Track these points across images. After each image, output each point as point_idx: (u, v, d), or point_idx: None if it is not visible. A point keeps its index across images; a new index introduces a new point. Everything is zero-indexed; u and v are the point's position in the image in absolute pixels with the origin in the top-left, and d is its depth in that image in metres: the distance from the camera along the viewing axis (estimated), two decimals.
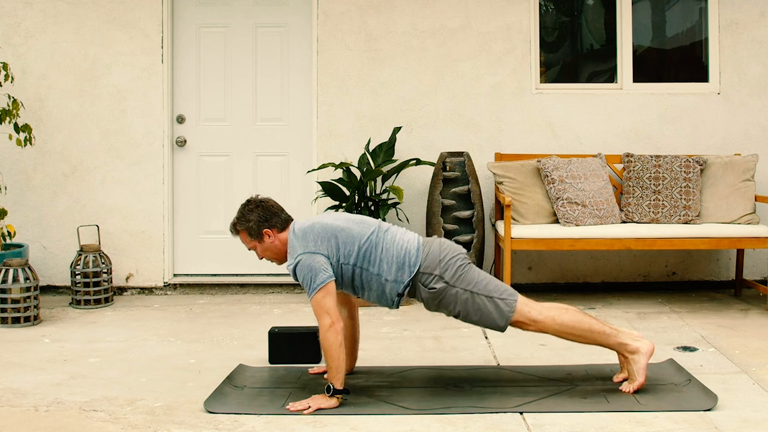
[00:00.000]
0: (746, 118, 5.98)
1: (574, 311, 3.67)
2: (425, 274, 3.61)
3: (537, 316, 3.61)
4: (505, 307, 3.59)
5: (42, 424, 3.36)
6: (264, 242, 3.71)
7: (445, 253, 3.64)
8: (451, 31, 5.97)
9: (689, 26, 6.21)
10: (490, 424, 3.32)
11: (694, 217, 5.44)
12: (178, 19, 6.06)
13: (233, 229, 3.76)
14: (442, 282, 3.60)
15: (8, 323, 4.99)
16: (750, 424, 3.30)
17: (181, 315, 5.34)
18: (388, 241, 3.64)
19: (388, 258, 3.61)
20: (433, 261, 3.61)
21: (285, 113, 6.10)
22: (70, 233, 5.91)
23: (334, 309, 3.51)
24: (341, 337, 3.49)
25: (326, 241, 3.59)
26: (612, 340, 3.66)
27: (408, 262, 3.61)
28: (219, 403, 3.54)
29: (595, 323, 3.66)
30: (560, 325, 3.62)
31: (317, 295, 3.51)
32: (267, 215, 3.70)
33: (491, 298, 3.60)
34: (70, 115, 5.94)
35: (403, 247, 3.63)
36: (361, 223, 3.70)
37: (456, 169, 5.58)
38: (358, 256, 3.61)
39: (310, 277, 3.52)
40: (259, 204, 3.74)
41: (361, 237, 3.63)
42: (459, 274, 3.61)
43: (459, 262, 3.63)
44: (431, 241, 3.70)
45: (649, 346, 3.66)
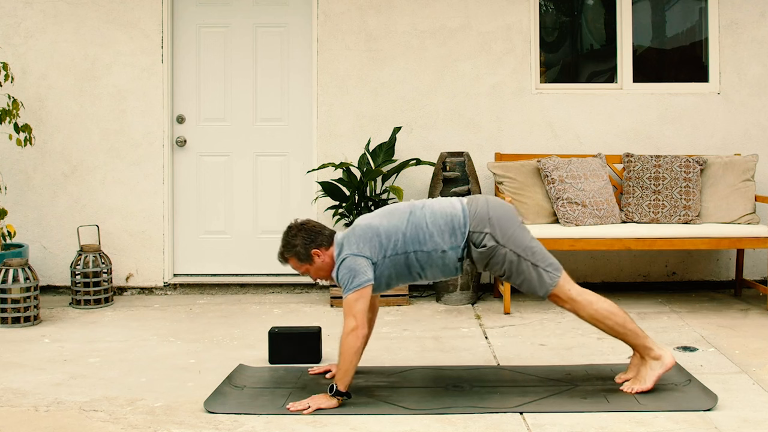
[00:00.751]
0: (746, 118, 5.98)
1: (612, 303, 3.68)
2: (476, 232, 3.59)
3: (575, 296, 3.63)
4: (548, 278, 3.61)
5: (42, 424, 3.36)
6: (315, 263, 3.70)
7: (494, 211, 3.62)
8: (451, 31, 5.98)
9: (689, 26, 6.21)
10: (490, 424, 3.32)
11: (694, 217, 5.44)
12: (178, 19, 6.06)
13: (282, 258, 3.75)
14: (493, 240, 3.58)
15: (8, 323, 4.99)
16: (750, 424, 3.30)
17: (181, 315, 5.34)
18: (428, 215, 3.63)
19: (437, 230, 3.60)
20: (482, 219, 3.60)
21: (285, 113, 6.10)
22: (70, 233, 5.91)
23: (363, 314, 3.50)
24: (360, 344, 3.48)
25: (368, 242, 3.59)
26: (640, 341, 3.67)
27: (457, 226, 3.60)
28: (219, 403, 3.55)
29: (628, 320, 3.67)
30: (595, 311, 3.63)
31: (351, 296, 3.51)
32: (311, 236, 3.69)
33: (536, 267, 3.61)
34: (70, 115, 5.94)
35: (447, 213, 3.63)
36: (395, 211, 3.69)
37: (456, 169, 5.58)
38: (406, 242, 3.60)
39: (349, 277, 3.53)
40: (300, 227, 3.72)
41: (402, 224, 3.62)
42: (510, 233, 3.60)
43: (510, 221, 3.62)
44: (476, 199, 3.69)
45: (671, 360, 3.67)
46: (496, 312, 5.31)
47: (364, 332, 3.50)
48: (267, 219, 6.11)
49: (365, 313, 3.52)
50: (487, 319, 5.13)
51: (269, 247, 6.10)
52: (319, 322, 5.04)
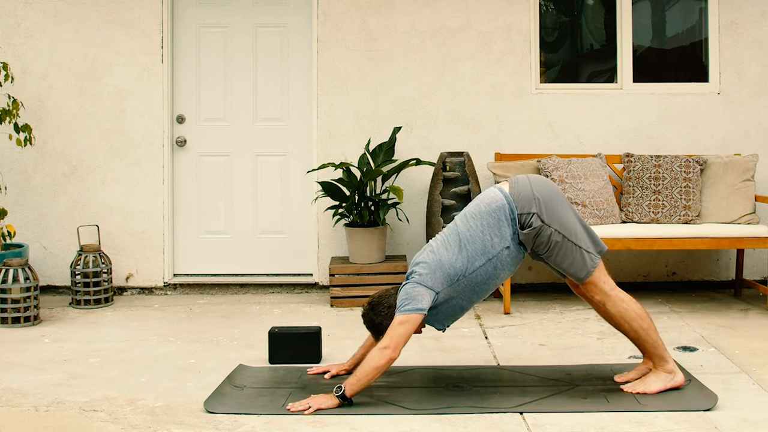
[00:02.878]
0: (746, 118, 5.98)
1: (642, 308, 3.67)
2: (523, 214, 3.56)
3: (609, 291, 3.62)
4: (589, 261, 3.60)
5: (42, 424, 3.36)
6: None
7: (539, 191, 3.59)
8: (451, 31, 5.97)
9: (689, 26, 6.21)
10: (490, 424, 3.32)
11: (694, 217, 5.44)
12: (178, 19, 6.06)
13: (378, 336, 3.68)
14: (539, 220, 3.56)
15: (8, 323, 4.99)
16: (750, 424, 3.30)
17: (181, 315, 5.34)
18: (476, 225, 3.59)
19: (491, 231, 3.56)
20: (528, 200, 3.57)
21: (285, 113, 6.10)
22: (70, 233, 5.91)
23: (401, 340, 3.46)
24: (384, 363, 3.45)
25: (432, 273, 3.54)
26: (658, 350, 3.66)
27: (506, 217, 3.57)
28: (219, 403, 3.55)
29: (653, 328, 3.66)
30: (624, 309, 3.62)
31: (398, 318, 3.49)
32: (384, 306, 3.65)
33: (580, 249, 3.59)
34: (70, 115, 5.94)
35: (493, 208, 3.58)
36: (447, 236, 3.62)
37: (456, 169, 5.58)
38: (469, 262, 3.55)
39: (404, 300, 3.51)
40: (373, 308, 3.68)
41: (457, 246, 3.57)
42: (555, 213, 3.58)
43: (555, 200, 3.60)
44: (517, 181, 3.64)
45: (681, 380, 3.67)
46: (496, 312, 5.31)
47: (394, 356, 3.46)
48: (267, 219, 6.11)
49: (404, 338, 3.47)
50: (487, 319, 5.13)
51: (269, 247, 6.10)
52: (319, 322, 5.04)
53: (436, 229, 5.53)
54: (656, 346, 3.66)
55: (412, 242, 5.95)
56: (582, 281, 3.64)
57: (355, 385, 3.47)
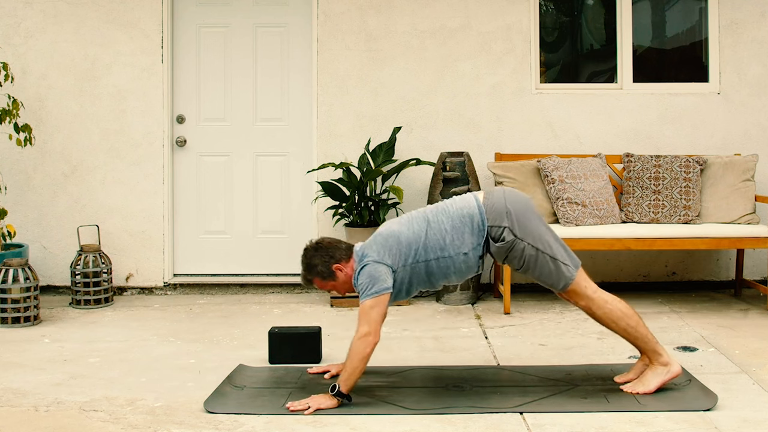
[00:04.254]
0: (746, 118, 5.98)
1: (626, 305, 3.68)
2: (494, 227, 3.59)
3: (591, 294, 3.64)
4: (567, 272, 3.62)
5: (42, 424, 3.36)
6: (338, 278, 3.70)
7: (511, 204, 3.62)
8: (451, 31, 5.98)
9: (689, 26, 6.21)
10: (490, 424, 3.32)
11: (694, 217, 5.44)
12: (178, 19, 6.06)
13: (305, 281, 3.75)
14: (512, 235, 3.58)
15: (8, 323, 4.99)
16: (750, 424, 3.30)
17: (181, 315, 5.34)
18: (445, 221, 3.62)
19: (457, 234, 3.59)
20: (500, 213, 3.60)
21: (285, 113, 6.10)
22: (70, 233, 5.91)
23: (377, 322, 3.49)
24: (370, 350, 3.47)
25: (389, 250, 3.59)
26: (650, 345, 3.67)
27: (476, 226, 3.60)
28: (219, 403, 3.55)
29: (641, 323, 3.67)
30: (610, 311, 3.64)
31: (367, 302, 3.51)
32: (329, 253, 3.69)
33: (555, 260, 3.61)
34: (70, 115, 5.94)
35: (465, 214, 3.62)
36: (413, 220, 3.67)
37: (456, 169, 5.58)
38: (428, 250, 3.60)
39: (368, 283, 3.52)
40: (317, 247, 3.72)
41: (421, 232, 3.61)
42: (528, 227, 3.60)
43: (527, 214, 3.62)
44: (492, 193, 3.68)
45: (678, 370, 3.67)
46: (496, 312, 5.31)
47: (376, 340, 3.49)
48: (267, 219, 6.11)
49: (380, 320, 3.51)
50: (487, 319, 5.13)
51: (269, 247, 6.10)
52: (319, 322, 5.04)
53: None
54: (647, 340, 3.67)
55: None
56: (561, 291, 3.67)
57: (347, 380, 3.48)
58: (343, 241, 3.76)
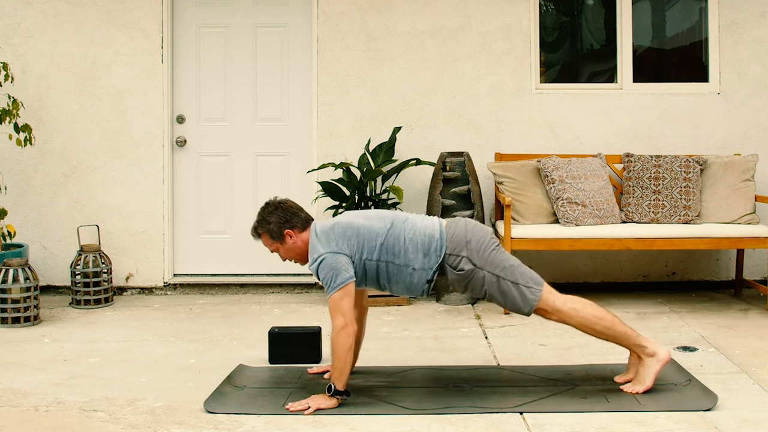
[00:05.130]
0: (746, 118, 5.98)
1: (598, 307, 3.68)
2: (452, 255, 3.61)
3: (561, 306, 3.62)
4: (530, 294, 3.60)
5: (42, 424, 3.36)
6: (286, 243, 3.71)
7: (471, 235, 3.63)
8: (451, 31, 5.98)
9: (689, 26, 6.21)
10: (490, 424, 3.32)
11: (694, 217, 5.44)
12: (178, 19, 6.06)
13: (254, 233, 3.76)
14: (470, 264, 3.59)
15: (8, 323, 4.99)
16: (750, 424, 3.30)
17: (181, 315, 5.34)
18: (408, 230, 3.64)
19: (412, 247, 3.61)
20: (459, 243, 3.61)
21: (285, 113, 6.10)
22: (70, 233, 5.91)
23: (350, 311, 3.50)
24: (352, 341, 3.48)
25: (347, 240, 3.59)
26: (632, 341, 3.67)
27: (433, 248, 3.61)
28: (219, 403, 3.55)
29: (617, 322, 3.67)
30: (583, 318, 3.63)
31: (335, 295, 3.51)
32: (287, 216, 3.70)
33: (517, 285, 3.61)
34: (70, 115, 5.94)
35: (427, 234, 3.63)
36: (379, 217, 3.69)
37: (456, 169, 5.58)
38: (381, 251, 3.61)
39: (332, 275, 3.52)
40: (278, 206, 3.73)
41: (382, 231, 3.62)
42: (487, 256, 3.61)
43: (486, 244, 3.63)
44: (456, 222, 3.69)
45: (666, 354, 3.66)
46: (496, 312, 5.31)
47: (354, 329, 3.50)
48: None
49: (352, 310, 3.52)
50: (487, 319, 5.13)
51: None
52: (319, 322, 5.04)
53: None
54: (627, 337, 3.66)
55: None
56: (527, 315, 3.66)
57: (340, 376, 3.48)
58: (305, 211, 3.75)
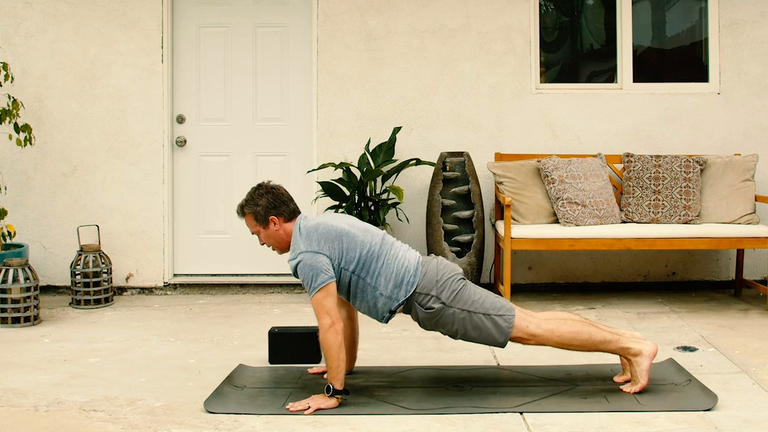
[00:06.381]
0: (746, 118, 5.98)
1: (573, 321, 3.64)
2: (422, 294, 3.59)
3: (535, 330, 3.59)
4: (503, 323, 3.58)
5: (42, 424, 3.36)
6: (269, 228, 3.71)
7: (442, 273, 3.62)
8: (451, 31, 5.98)
9: (689, 26, 6.21)
10: (490, 424, 3.32)
11: (694, 217, 5.44)
12: (178, 19, 6.06)
13: (240, 211, 3.76)
14: (439, 302, 3.58)
15: (8, 323, 4.99)
16: (750, 424, 3.30)
17: (181, 315, 5.34)
18: (390, 255, 3.63)
19: (386, 273, 3.60)
20: (430, 281, 3.60)
21: (285, 113, 6.10)
22: (70, 233, 5.91)
23: (335, 309, 3.51)
24: (341, 338, 3.48)
25: (330, 243, 3.58)
26: (614, 345, 3.64)
27: (406, 281, 3.59)
28: (219, 403, 3.55)
29: (594, 331, 3.63)
30: (559, 336, 3.60)
31: (318, 295, 3.51)
32: (276, 202, 3.70)
33: (489, 316, 3.58)
34: (70, 115, 5.94)
35: (404, 265, 3.62)
36: (366, 231, 3.67)
37: (456, 169, 5.58)
38: (358, 265, 3.59)
39: (312, 276, 3.51)
40: (269, 190, 3.73)
41: (364, 245, 3.61)
42: (455, 293, 3.59)
43: (455, 282, 3.61)
44: (429, 261, 3.68)
45: (652, 348, 3.65)
46: None
47: (341, 326, 3.49)
48: None
49: (336, 308, 3.52)
50: None
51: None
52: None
53: (436, 229, 5.54)
54: (608, 343, 3.63)
55: (412, 242, 5.94)
56: (503, 345, 3.62)
57: (336, 375, 3.48)
58: (294, 202, 3.75)
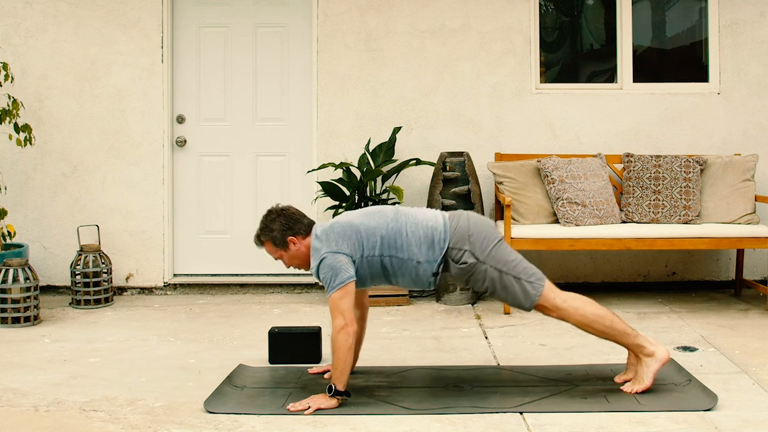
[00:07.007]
0: (746, 118, 5.98)
1: (599, 306, 3.68)
2: (455, 249, 3.60)
3: (561, 304, 3.62)
4: (531, 290, 3.61)
5: (42, 424, 3.36)
6: (290, 250, 3.70)
7: (474, 228, 3.63)
8: (451, 31, 5.98)
9: (689, 26, 6.21)
10: (490, 424, 3.32)
11: (694, 217, 5.44)
12: (178, 19, 6.06)
13: (257, 241, 3.75)
14: (473, 257, 3.59)
15: (8, 323, 4.99)
16: (750, 424, 3.30)
17: (181, 315, 5.34)
18: (411, 224, 3.64)
19: (415, 240, 3.60)
20: (462, 236, 3.61)
21: (285, 113, 6.10)
22: (70, 233, 5.91)
23: (350, 311, 3.50)
24: (352, 341, 3.48)
25: (347, 239, 3.59)
26: (630, 340, 3.66)
27: (437, 240, 3.61)
28: (219, 403, 3.55)
29: (617, 320, 3.67)
30: (582, 316, 3.63)
31: (335, 295, 3.51)
32: (290, 223, 3.69)
33: (519, 280, 3.61)
34: (70, 115, 5.94)
35: (430, 226, 3.63)
36: (379, 213, 3.69)
37: (456, 169, 5.58)
38: (383, 246, 3.60)
39: (331, 275, 3.52)
40: (280, 213, 3.72)
41: (382, 227, 3.62)
42: (489, 250, 3.60)
43: (489, 238, 3.63)
44: (458, 216, 3.69)
45: (665, 354, 3.66)
46: (496, 312, 5.31)
47: (354, 329, 3.50)
48: None
49: (352, 310, 3.52)
50: (487, 319, 5.13)
51: None
52: (319, 322, 5.04)
53: None
54: (627, 336, 3.66)
55: None
56: (528, 310, 3.66)
57: (340, 376, 3.48)
58: (307, 217, 3.76)
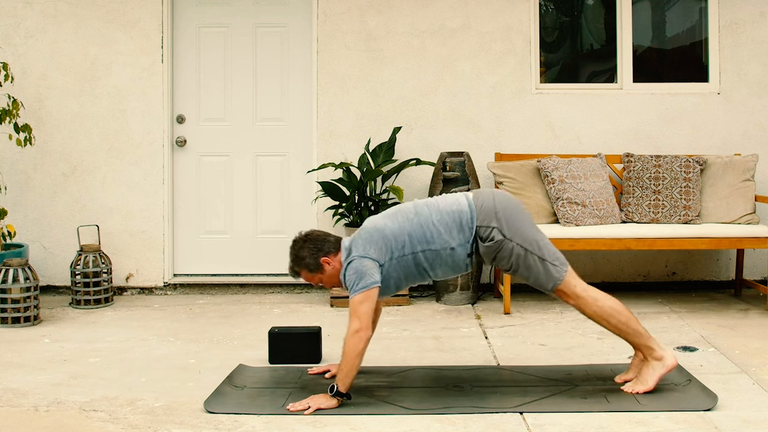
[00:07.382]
0: (746, 118, 5.98)
1: (617, 302, 3.68)
2: (482, 227, 3.60)
3: (581, 293, 3.63)
4: (555, 272, 3.62)
5: (42, 424, 3.36)
6: (326, 271, 3.70)
7: (500, 206, 3.63)
8: (451, 31, 5.98)
9: (689, 26, 6.21)
10: (490, 424, 3.32)
11: (694, 217, 5.44)
12: (178, 19, 6.06)
13: (293, 273, 3.75)
14: (500, 234, 3.59)
15: (8, 323, 4.99)
16: (750, 424, 3.30)
17: (181, 315, 5.34)
18: (434, 214, 3.64)
19: (444, 228, 3.61)
20: (489, 213, 3.61)
21: (285, 113, 6.10)
22: (70, 233, 5.91)
23: (367, 316, 3.50)
24: (363, 346, 3.47)
25: (374, 244, 3.59)
26: (642, 340, 3.67)
27: (464, 221, 3.61)
28: (219, 403, 3.55)
29: (632, 319, 3.67)
30: (599, 308, 3.64)
31: (356, 297, 3.51)
32: (318, 245, 3.69)
33: (544, 261, 3.62)
34: (70, 115, 5.94)
35: (454, 210, 3.63)
36: (400, 212, 3.69)
37: (456, 169, 5.58)
38: (413, 243, 3.60)
39: (355, 279, 3.53)
40: (306, 239, 3.72)
41: (406, 225, 3.62)
42: (516, 228, 3.61)
43: (516, 216, 3.63)
44: (482, 194, 3.69)
45: (673, 361, 3.67)
46: (496, 312, 5.31)
47: (368, 334, 3.49)
48: (267, 219, 6.11)
49: (370, 315, 3.52)
50: (487, 319, 5.13)
51: (269, 247, 6.10)
52: (319, 322, 5.04)
53: None
54: (640, 335, 3.67)
55: None
56: (550, 292, 3.67)
57: (345, 378, 3.48)
58: (332, 234, 3.76)
